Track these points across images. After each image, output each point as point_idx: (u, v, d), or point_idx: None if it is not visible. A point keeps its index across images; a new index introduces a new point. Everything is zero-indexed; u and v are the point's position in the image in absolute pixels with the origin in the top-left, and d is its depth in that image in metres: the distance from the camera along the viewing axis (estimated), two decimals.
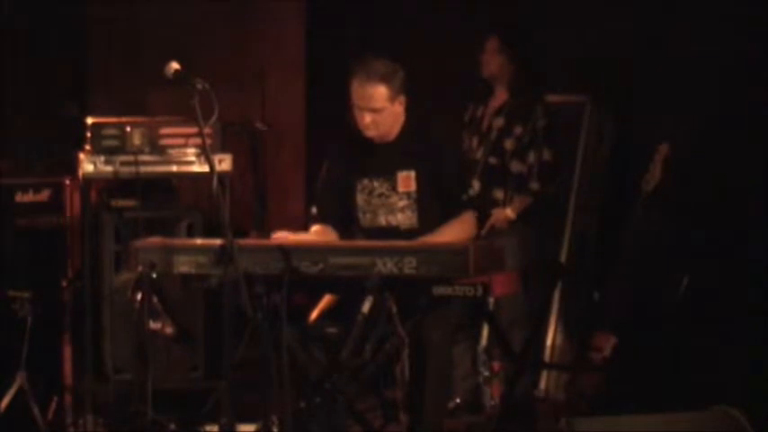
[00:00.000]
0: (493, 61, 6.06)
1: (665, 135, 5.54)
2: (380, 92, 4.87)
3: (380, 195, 4.99)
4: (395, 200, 4.98)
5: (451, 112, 6.23)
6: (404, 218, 4.97)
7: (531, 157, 5.94)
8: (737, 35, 5.81)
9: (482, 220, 5.90)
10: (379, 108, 4.89)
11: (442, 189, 4.94)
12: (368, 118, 4.90)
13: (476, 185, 5.86)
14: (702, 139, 5.76)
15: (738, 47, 5.80)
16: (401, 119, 4.98)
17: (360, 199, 5.03)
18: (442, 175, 4.94)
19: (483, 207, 5.92)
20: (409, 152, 4.96)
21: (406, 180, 4.96)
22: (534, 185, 5.94)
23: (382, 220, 5.00)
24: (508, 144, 5.99)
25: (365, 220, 5.04)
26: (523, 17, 6.44)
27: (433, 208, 4.95)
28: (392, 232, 4.95)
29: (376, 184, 5.00)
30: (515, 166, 5.98)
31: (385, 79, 4.88)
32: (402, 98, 4.94)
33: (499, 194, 5.99)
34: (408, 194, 4.96)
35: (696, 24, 5.96)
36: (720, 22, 5.87)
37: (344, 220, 5.07)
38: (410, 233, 4.91)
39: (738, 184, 5.74)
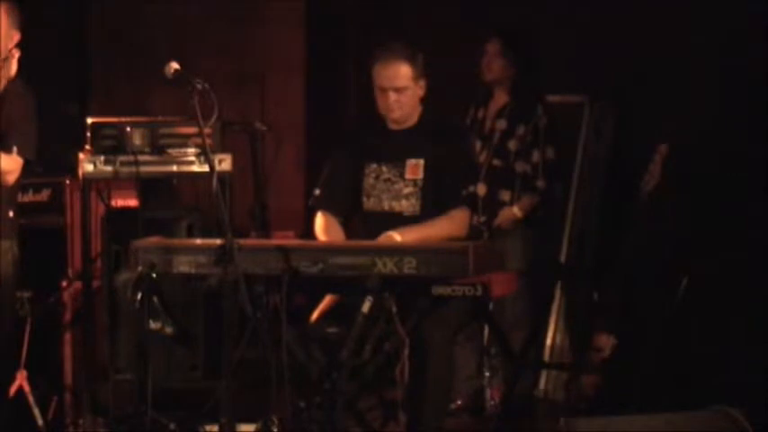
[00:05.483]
0: (495, 65, 6.05)
1: (665, 135, 5.54)
2: (404, 70, 4.93)
3: (387, 180, 5.02)
4: (400, 186, 5.00)
5: (452, 113, 6.21)
6: (407, 204, 4.99)
7: (535, 156, 5.95)
8: (737, 35, 5.81)
9: (489, 222, 5.92)
10: (403, 87, 4.93)
11: (443, 182, 4.95)
12: (392, 97, 4.94)
13: (482, 189, 5.85)
14: (702, 139, 5.75)
15: (738, 47, 5.80)
16: (420, 106, 5.01)
17: (366, 182, 5.05)
18: (447, 168, 4.95)
19: (490, 209, 5.93)
20: (422, 141, 5.00)
21: (415, 168, 4.99)
22: (540, 184, 5.94)
23: (386, 205, 5.02)
24: (512, 145, 5.98)
25: (369, 203, 5.06)
26: (523, 17, 6.44)
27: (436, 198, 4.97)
28: (394, 218, 4.97)
29: (384, 168, 5.03)
30: (520, 167, 5.98)
31: (408, 59, 4.94)
32: (423, 82, 4.99)
33: (506, 196, 5.98)
34: (415, 182, 4.99)
35: (696, 24, 5.96)
36: (720, 22, 5.87)
37: (348, 206, 5.09)
38: (412, 220, 4.93)
39: (738, 184, 5.74)
